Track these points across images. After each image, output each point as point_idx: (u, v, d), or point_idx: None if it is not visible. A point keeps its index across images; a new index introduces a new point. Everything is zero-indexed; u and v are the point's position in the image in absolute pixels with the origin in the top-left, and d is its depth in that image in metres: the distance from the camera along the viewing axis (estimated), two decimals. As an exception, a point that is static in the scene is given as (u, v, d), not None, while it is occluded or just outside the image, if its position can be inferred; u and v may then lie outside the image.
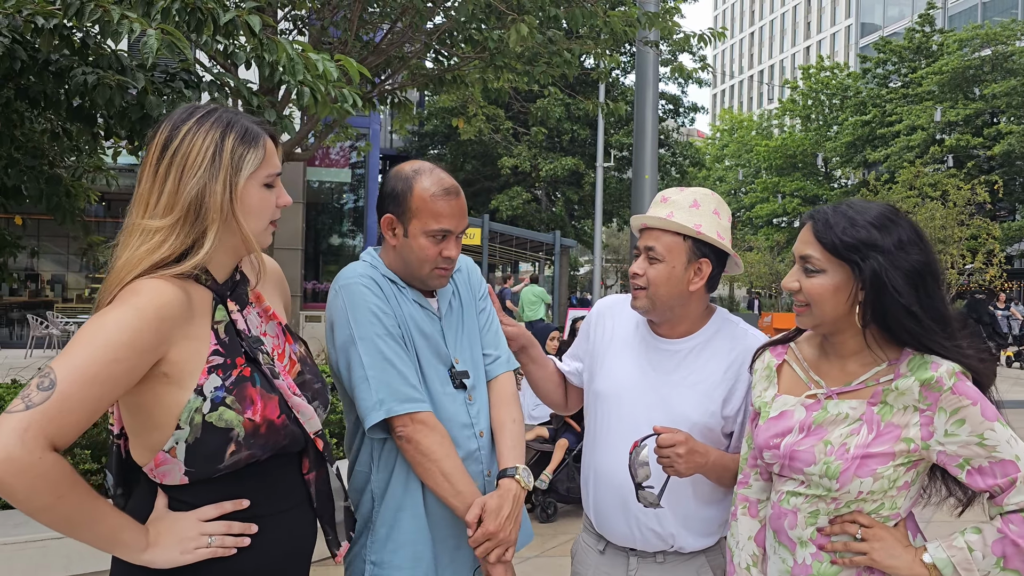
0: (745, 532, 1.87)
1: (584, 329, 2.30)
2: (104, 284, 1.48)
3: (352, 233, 17.02)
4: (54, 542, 3.57)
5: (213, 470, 1.46)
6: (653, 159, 8.81)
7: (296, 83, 3.41)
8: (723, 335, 2.08)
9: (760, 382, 1.86)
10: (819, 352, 1.78)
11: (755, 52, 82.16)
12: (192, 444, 1.44)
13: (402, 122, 7.89)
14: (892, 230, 1.63)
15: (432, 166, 1.99)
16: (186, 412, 1.43)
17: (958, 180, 25.76)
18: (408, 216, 1.93)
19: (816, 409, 1.71)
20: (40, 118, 4.76)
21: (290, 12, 6.45)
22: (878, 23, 62.16)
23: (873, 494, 1.63)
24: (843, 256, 1.63)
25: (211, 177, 1.48)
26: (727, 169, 50.81)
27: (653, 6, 7.22)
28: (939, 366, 1.59)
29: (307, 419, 1.58)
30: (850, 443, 1.63)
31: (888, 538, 1.63)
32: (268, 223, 1.61)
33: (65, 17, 3.18)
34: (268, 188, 1.58)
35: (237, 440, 1.46)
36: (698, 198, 2.03)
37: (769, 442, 1.75)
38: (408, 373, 1.89)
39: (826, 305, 1.66)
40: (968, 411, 1.57)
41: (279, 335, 1.66)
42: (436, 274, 1.98)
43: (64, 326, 14.35)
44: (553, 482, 5.96)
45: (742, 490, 1.91)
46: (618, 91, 26.10)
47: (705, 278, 2.02)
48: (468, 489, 1.87)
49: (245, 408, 1.47)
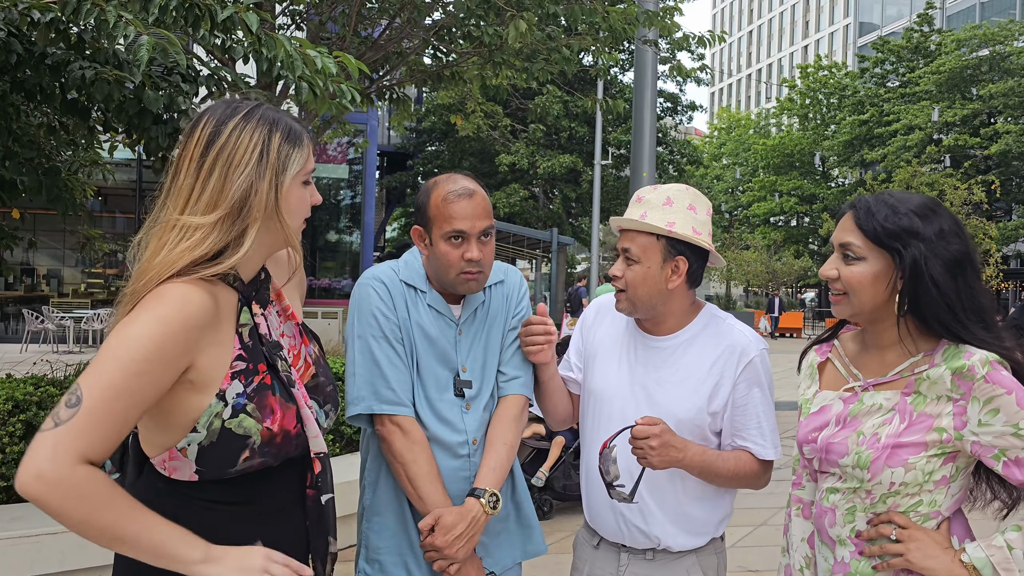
0: (799, 534, 1.86)
1: (579, 327, 2.30)
2: (134, 279, 1.44)
3: (349, 229, 16.99)
4: (48, 537, 3.56)
5: (224, 473, 1.46)
6: (651, 157, 8.82)
7: (295, 78, 3.40)
8: (710, 331, 2.08)
9: (804, 381, 1.88)
10: (859, 346, 1.79)
11: (753, 51, 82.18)
12: (206, 447, 1.43)
13: (400, 118, 7.86)
14: (933, 219, 1.62)
15: (454, 174, 2.04)
16: (206, 416, 1.43)
17: (955, 180, 25.84)
18: (430, 225, 2.00)
19: (852, 402, 1.72)
20: (36, 112, 4.75)
21: (288, 7, 6.43)
22: (876, 23, 62.19)
23: (907, 486, 1.61)
24: (884, 244, 1.63)
25: (258, 175, 1.47)
26: (725, 167, 50.85)
27: (652, 5, 7.22)
28: (972, 355, 1.57)
29: (312, 435, 1.56)
30: (881, 432, 1.63)
31: (925, 539, 1.60)
32: (302, 221, 1.61)
33: (62, 13, 3.17)
34: (306, 186, 1.58)
35: (252, 447, 1.46)
36: (671, 195, 2.03)
37: (808, 436, 1.76)
38: (393, 376, 1.96)
39: (865, 294, 1.66)
40: (1002, 400, 1.53)
41: (296, 335, 1.66)
42: (463, 279, 2.00)
43: (60, 321, 14.33)
44: (549, 479, 5.96)
45: (796, 491, 1.89)
46: (616, 89, 26.09)
47: (683, 275, 2.02)
48: (431, 497, 1.92)
49: (265, 417, 1.47)
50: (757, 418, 2.03)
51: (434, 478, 1.93)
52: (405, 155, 27.26)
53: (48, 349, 13.72)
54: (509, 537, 2.11)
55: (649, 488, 2.02)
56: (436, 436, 1.98)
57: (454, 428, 2.00)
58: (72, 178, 5.26)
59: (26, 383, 4.42)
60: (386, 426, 1.96)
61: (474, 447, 2.02)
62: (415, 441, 1.94)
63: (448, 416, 2.01)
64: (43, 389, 4.35)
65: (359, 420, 2.00)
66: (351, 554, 1.95)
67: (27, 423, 4.13)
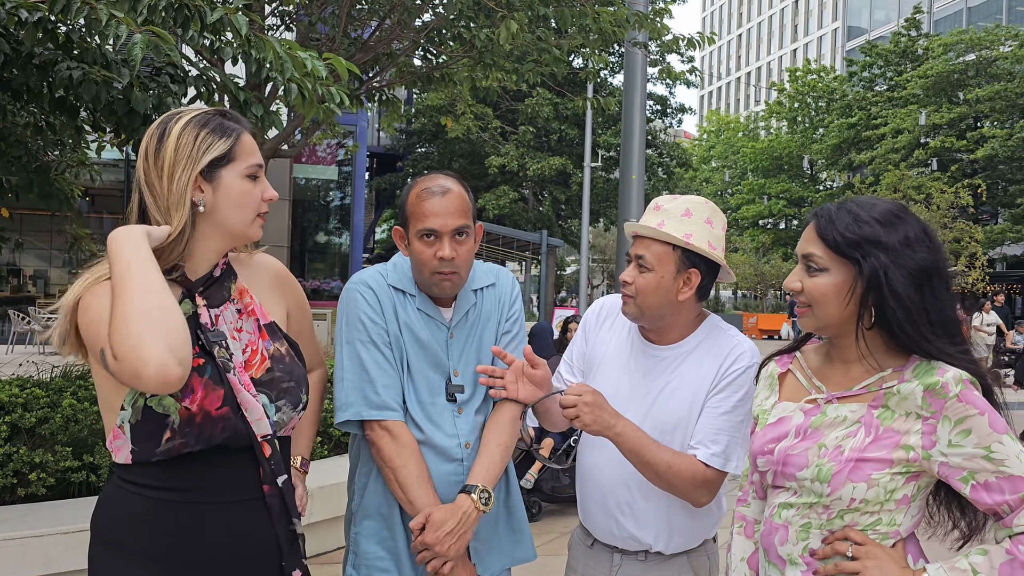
0: (739, 553, 1.81)
1: (582, 330, 2.28)
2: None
3: (338, 231, 16.95)
4: (33, 540, 3.53)
5: (152, 454, 1.51)
6: (640, 160, 8.84)
7: (284, 80, 3.39)
8: (710, 342, 2.07)
9: (762, 391, 1.80)
10: (824, 359, 1.71)
11: (743, 54, 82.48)
12: (134, 425, 1.51)
13: (390, 120, 7.86)
14: (898, 227, 1.55)
15: (435, 174, 2.03)
16: (130, 395, 1.50)
17: (942, 183, 25.97)
18: (407, 223, 2.00)
19: (815, 414, 1.63)
20: (23, 111, 4.71)
21: (278, 8, 6.42)
22: (864, 27, 62.53)
23: (867, 503, 1.53)
24: (845, 254, 1.55)
25: (181, 171, 1.56)
26: (714, 170, 51.02)
27: (642, 7, 7.24)
28: (946, 372, 1.50)
29: (255, 418, 1.59)
30: (845, 445, 1.55)
31: (883, 556, 1.52)
32: (255, 216, 1.63)
33: (50, 12, 3.14)
34: (253, 180, 1.62)
35: (172, 427, 1.51)
36: (691, 207, 2.01)
37: (764, 447, 1.68)
38: (382, 381, 1.95)
39: (829, 306, 1.58)
40: (975, 421, 1.46)
41: (255, 331, 1.68)
42: (436, 279, 1.97)
43: (46, 322, 14.21)
44: (538, 481, 5.96)
45: (740, 508, 1.85)
46: (606, 91, 26.12)
47: (694, 288, 2.01)
48: (420, 500, 1.90)
49: (184, 396, 1.51)
50: (716, 421, 1.98)
51: (423, 482, 1.92)
52: (395, 156, 27.22)
53: (34, 351, 13.61)
54: (499, 543, 2.10)
55: (643, 494, 2.02)
56: (428, 440, 1.97)
57: (446, 432, 1.99)
58: (59, 178, 5.22)
59: (11, 385, 4.38)
60: (375, 431, 1.95)
61: (467, 451, 2.00)
62: (404, 445, 1.93)
63: (440, 420, 2.00)
64: (29, 391, 4.32)
65: (349, 426, 1.99)
66: (338, 556, 1.94)
67: (12, 425, 4.10)
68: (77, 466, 4.14)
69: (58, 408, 4.26)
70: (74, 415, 4.26)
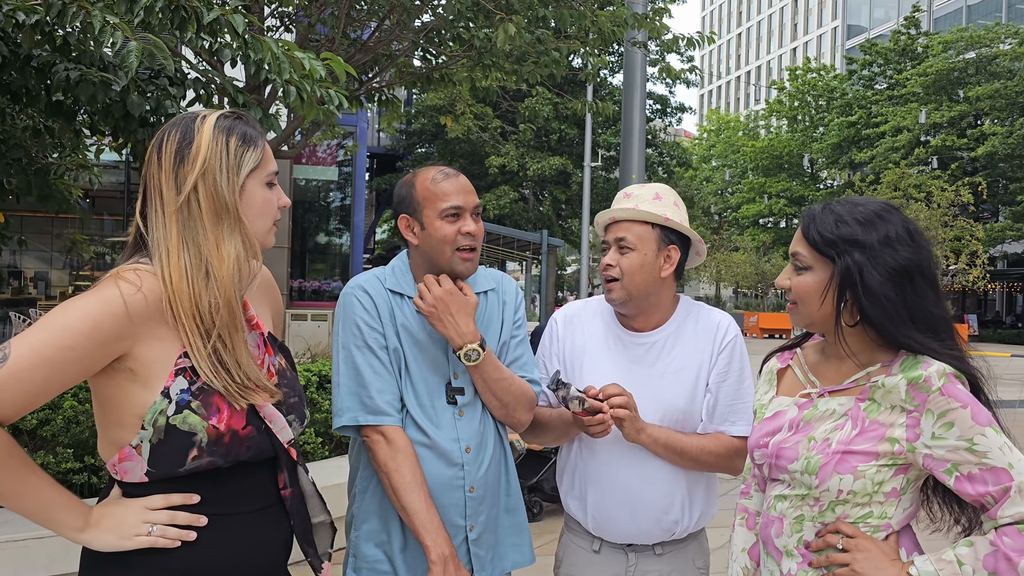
0: (740, 544, 1.86)
1: (548, 342, 2.26)
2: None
3: (339, 231, 16.94)
4: (35, 542, 3.53)
5: (173, 472, 1.45)
6: (640, 159, 8.84)
7: (282, 82, 3.38)
8: (693, 319, 2.16)
9: (761, 386, 1.86)
10: (820, 355, 1.77)
11: (742, 53, 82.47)
12: (156, 445, 1.43)
13: (389, 120, 7.85)
14: (879, 226, 1.59)
15: (431, 165, 2.09)
16: (151, 413, 1.43)
17: (942, 182, 26.00)
18: (420, 209, 2.01)
19: (807, 407, 1.69)
20: (21, 115, 4.72)
21: (277, 9, 6.41)
22: (864, 25, 62.54)
23: (855, 495, 1.57)
24: (824, 252, 1.62)
25: (221, 176, 1.53)
26: (714, 169, 51.03)
27: (641, 7, 7.23)
28: (929, 365, 1.53)
29: (279, 428, 1.55)
30: (832, 438, 1.59)
31: (873, 549, 1.56)
32: (272, 224, 1.61)
33: (47, 15, 3.14)
34: (270, 188, 1.59)
35: (200, 446, 1.45)
36: (659, 191, 2.13)
37: (760, 441, 1.74)
38: (378, 386, 1.96)
39: (812, 303, 1.65)
40: (957, 414, 1.50)
41: (260, 345, 1.64)
42: (460, 257, 2.01)
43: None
44: (539, 481, 5.96)
45: (743, 500, 1.90)
46: (606, 91, 26.14)
47: (675, 264, 2.10)
48: (412, 505, 1.89)
49: (210, 415, 1.46)
50: (729, 398, 2.09)
51: (417, 487, 1.90)
52: (395, 157, 27.23)
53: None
54: (499, 548, 2.10)
55: (665, 472, 2.06)
56: (429, 443, 1.97)
57: (447, 435, 1.99)
58: (59, 181, 5.23)
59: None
60: (371, 436, 1.95)
61: (468, 456, 2.00)
62: (398, 450, 1.93)
63: (441, 423, 2.00)
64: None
65: (346, 431, 2.00)
66: (339, 557, 1.94)
67: (13, 427, 4.10)
68: (78, 468, 4.14)
69: (59, 410, 4.26)
70: (75, 417, 4.26)
